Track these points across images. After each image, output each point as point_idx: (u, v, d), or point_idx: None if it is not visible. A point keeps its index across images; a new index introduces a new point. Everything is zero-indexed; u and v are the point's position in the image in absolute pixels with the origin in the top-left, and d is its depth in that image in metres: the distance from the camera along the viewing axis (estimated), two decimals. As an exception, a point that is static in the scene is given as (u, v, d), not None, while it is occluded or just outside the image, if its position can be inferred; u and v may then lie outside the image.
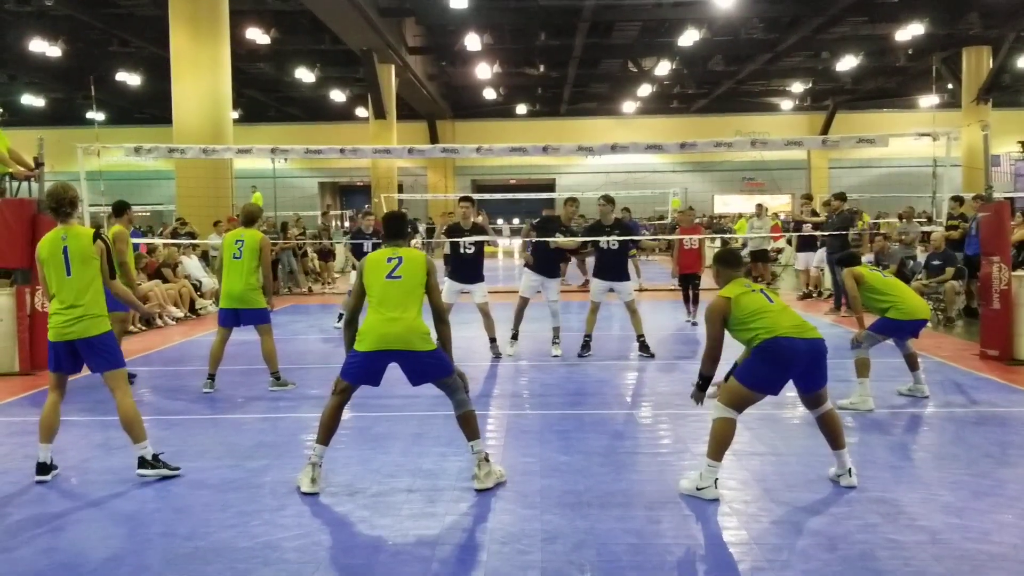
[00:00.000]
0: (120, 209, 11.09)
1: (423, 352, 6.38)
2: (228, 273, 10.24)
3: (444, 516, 5.88)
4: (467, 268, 12.13)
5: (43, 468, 6.81)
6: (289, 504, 6.14)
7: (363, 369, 6.44)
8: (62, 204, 6.96)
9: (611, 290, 12.30)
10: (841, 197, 17.25)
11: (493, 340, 12.19)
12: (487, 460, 6.50)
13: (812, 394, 6.51)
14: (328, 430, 6.49)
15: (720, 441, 6.25)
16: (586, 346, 12.18)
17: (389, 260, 6.48)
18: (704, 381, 6.52)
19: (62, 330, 6.74)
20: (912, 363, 9.37)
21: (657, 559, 5.16)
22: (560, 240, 12.33)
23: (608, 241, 12.24)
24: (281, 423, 8.68)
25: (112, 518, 5.99)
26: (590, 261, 15.31)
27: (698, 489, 6.22)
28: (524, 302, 12.50)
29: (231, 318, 10.26)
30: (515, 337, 12.43)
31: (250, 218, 10.66)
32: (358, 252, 14.81)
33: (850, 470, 6.45)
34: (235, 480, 6.73)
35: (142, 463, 6.77)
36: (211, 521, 5.84)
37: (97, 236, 6.96)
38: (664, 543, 5.40)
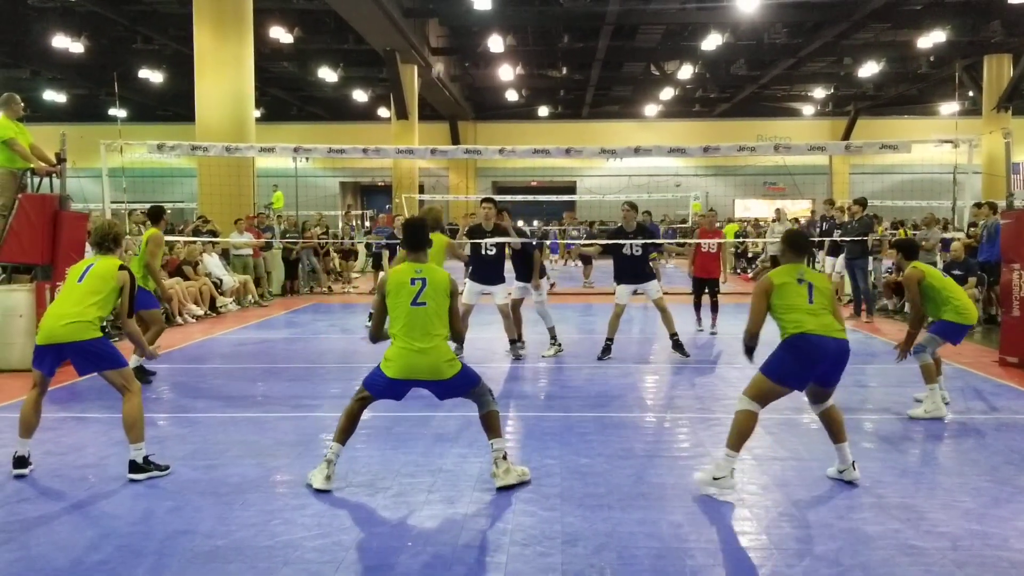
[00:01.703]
0: (156, 215, 11.15)
1: (449, 378, 6.42)
2: None
3: (464, 517, 5.89)
4: (488, 270, 12.14)
5: (20, 462, 6.89)
6: (309, 503, 6.16)
7: (387, 389, 6.49)
8: (105, 239, 7.27)
9: (637, 292, 12.28)
10: (861, 203, 17.14)
11: (513, 342, 12.20)
12: (504, 458, 6.50)
13: (827, 390, 6.60)
14: (345, 432, 6.53)
15: (740, 431, 6.38)
16: (607, 350, 12.16)
17: (413, 282, 6.43)
18: (748, 349, 6.74)
19: (51, 333, 6.80)
20: (936, 369, 9.22)
21: (678, 563, 5.15)
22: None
23: (632, 246, 12.22)
24: (302, 422, 8.70)
25: (132, 515, 5.99)
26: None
27: (715, 479, 6.29)
28: (515, 307, 12.48)
29: None
30: (521, 341, 12.41)
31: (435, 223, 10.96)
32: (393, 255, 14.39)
33: (853, 464, 6.59)
34: (255, 479, 6.75)
35: (133, 467, 6.77)
36: (231, 520, 5.86)
37: (124, 267, 7.10)
38: (685, 547, 5.39)
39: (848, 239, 16.41)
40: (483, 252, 12.12)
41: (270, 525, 5.75)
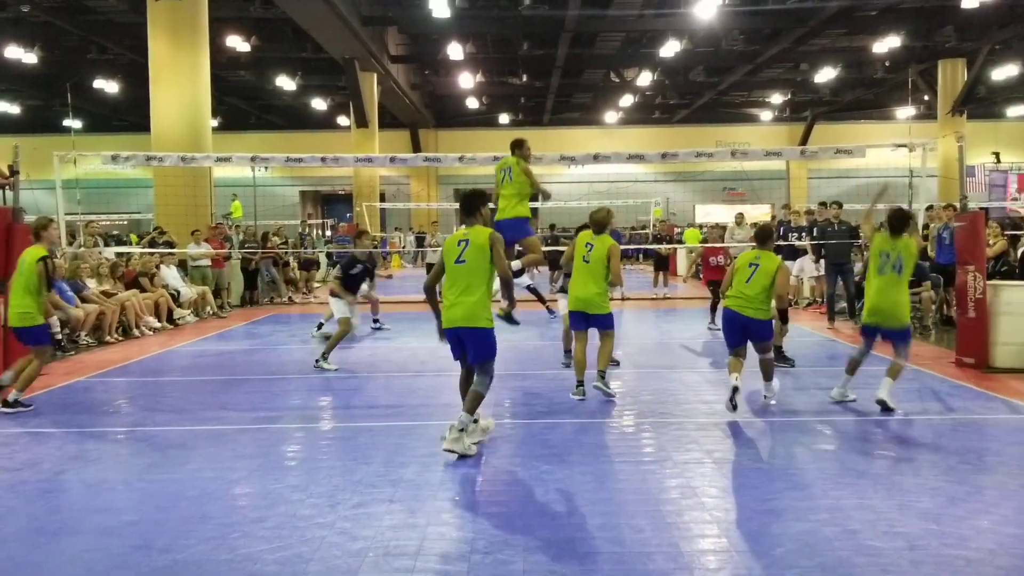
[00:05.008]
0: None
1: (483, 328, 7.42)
2: (576, 275, 10.23)
3: (425, 527, 5.86)
4: None
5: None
6: (269, 516, 6.11)
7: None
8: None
9: None
10: (839, 204, 17.26)
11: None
12: (461, 431, 7.29)
13: (755, 343, 9.19)
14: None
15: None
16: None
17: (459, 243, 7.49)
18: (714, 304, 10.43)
19: None
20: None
21: (640, 568, 5.16)
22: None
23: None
24: (261, 434, 8.62)
25: (88, 531, 5.91)
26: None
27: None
28: None
29: (582, 320, 10.15)
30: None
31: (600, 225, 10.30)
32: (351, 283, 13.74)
33: (767, 395, 9.41)
34: (214, 492, 6.69)
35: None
36: (190, 534, 5.79)
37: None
38: (647, 551, 5.40)
39: (834, 242, 16.35)
40: None
41: (229, 538, 5.69)
